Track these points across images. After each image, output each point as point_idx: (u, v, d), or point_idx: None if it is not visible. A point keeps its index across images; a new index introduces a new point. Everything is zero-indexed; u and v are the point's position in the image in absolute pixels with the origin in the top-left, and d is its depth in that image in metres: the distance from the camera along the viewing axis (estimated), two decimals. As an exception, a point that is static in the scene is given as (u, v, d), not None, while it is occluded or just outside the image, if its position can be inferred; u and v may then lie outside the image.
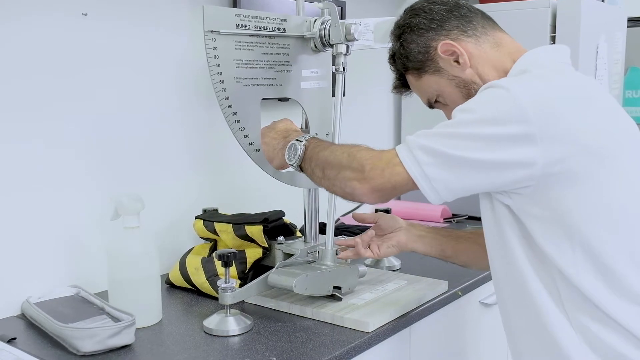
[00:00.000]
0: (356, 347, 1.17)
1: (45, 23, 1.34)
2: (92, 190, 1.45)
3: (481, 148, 0.97)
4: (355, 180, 1.07)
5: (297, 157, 1.20)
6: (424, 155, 1.00)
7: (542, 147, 0.95)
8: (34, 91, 1.34)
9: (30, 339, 1.20)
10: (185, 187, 1.66)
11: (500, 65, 1.14)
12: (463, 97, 1.15)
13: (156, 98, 1.58)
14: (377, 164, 1.05)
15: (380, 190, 1.06)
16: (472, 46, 1.14)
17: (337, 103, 1.35)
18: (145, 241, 1.28)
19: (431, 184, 1.00)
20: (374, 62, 2.28)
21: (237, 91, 1.24)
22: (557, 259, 1.01)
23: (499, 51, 1.15)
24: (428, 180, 1.00)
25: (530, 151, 0.95)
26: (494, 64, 1.14)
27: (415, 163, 1.00)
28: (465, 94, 1.15)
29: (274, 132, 1.32)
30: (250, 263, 1.42)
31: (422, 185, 1.01)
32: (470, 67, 1.14)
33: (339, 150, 1.14)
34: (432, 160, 0.99)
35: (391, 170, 1.03)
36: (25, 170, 1.33)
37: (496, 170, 0.98)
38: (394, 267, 1.63)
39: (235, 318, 1.23)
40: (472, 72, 1.14)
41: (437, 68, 1.17)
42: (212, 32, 1.19)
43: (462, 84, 1.15)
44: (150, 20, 1.54)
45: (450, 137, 0.99)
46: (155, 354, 1.13)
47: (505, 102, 0.97)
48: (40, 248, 1.37)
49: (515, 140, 0.96)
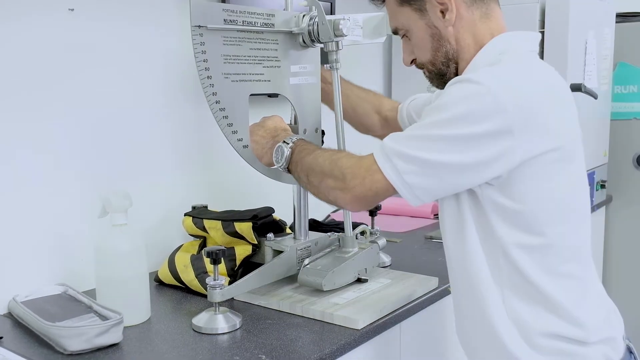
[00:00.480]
0: (346, 345, 1.16)
1: (30, 20, 1.32)
2: (80, 187, 1.44)
3: (459, 150, 0.97)
4: (338, 189, 1.09)
5: (284, 160, 1.21)
6: (402, 163, 1.00)
7: (520, 138, 0.96)
8: (20, 90, 1.32)
9: (17, 338, 1.19)
10: (174, 184, 1.65)
11: (480, 37, 1.11)
12: (431, 50, 1.14)
13: (144, 94, 1.56)
14: (358, 172, 1.06)
15: (363, 199, 1.07)
16: (464, 7, 1.11)
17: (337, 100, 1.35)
18: (134, 239, 1.27)
19: (412, 191, 1.02)
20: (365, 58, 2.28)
21: (225, 87, 1.23)
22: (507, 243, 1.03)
23: (485, 23, 1.12)
24: (409, 187, 1.01)
25: (509, 143, 0.96)
26: (475, 34, 1.11)
27: (395, 171, 1.01)
28: (434, 47, 1.13)
29: (263, 130, 1.31)
30: (239, 260, 1.41)
31: (403, 192, 1.02)
32: (452, 26, 1.11)
33: (322, 157, 1.15)
34: (410, 167, 0.99)
35: (371, 178, 1.04)
36: (12, 168, 1.32)
37: (476, 169, 0.98)
38: (384, 263, 1.62)
39: (224, 316, 1.22)
40: (452, 32, 1.11)
41: (421, 8, 1.13)
42: (199, 27, 1.18)
43: (437, 37, 1.13)
44: (136, 16, 1.53)
45: (426, 140, 0.99)
46: (144, 352, 1.13)
47: (479, 96, 0.96)
48: (27, 246, 1.35)
49: (494, 136, 0.96)
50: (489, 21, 1.12)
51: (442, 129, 0.98)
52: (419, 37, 1.15)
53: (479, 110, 0.95)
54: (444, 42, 1.12)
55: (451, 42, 1.12)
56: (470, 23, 1.11)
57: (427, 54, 1.15)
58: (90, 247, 1.30)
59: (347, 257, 1.38)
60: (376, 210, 1.67)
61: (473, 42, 1.11)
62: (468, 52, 1.12)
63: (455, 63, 1.13)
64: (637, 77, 2.60)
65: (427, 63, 1.16)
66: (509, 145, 0.96)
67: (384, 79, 2.39)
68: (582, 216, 1.10)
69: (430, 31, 1.13)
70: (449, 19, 1.11)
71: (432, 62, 1.15)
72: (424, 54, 1.16)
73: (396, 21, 1.19)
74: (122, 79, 1.51)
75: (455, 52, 1.12)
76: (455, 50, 1.12)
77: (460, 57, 1.13)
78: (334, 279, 1.32)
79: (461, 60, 1.13)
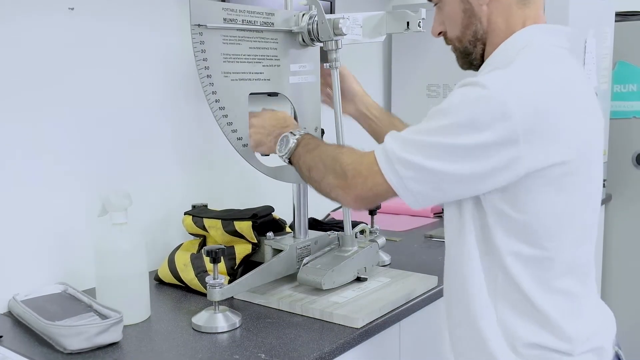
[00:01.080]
0: (345, 343, 1.16)
1: (30, 19, 1.32)
2: (80, 186, 1.44)
3: (462, 159, 0.94)
4: (339, 188, 1.08)
5: (288, 151, 1.20)
6: (404, 169, 0.98)
7: (525, 148, 0.92)
8: (20, 89, 1.32)
9: (17, 337, 1.19)
10: (173, 183, 1.65)
11: (512, 23, 1.07)
12: (460, 25, 1.10)
13: (144, 93, 1.56)
14: (359, 171, 1.05)
15: (365, 199, 1.06)
16: None
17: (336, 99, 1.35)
18: (134, 237, 1.27)
19: (413, 196, 1.00)
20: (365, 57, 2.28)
21: (225, 86, 1.23)
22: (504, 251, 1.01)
23: (521, 10, 1.06)
24: (409, 192, 1.00)
25: (514, 153, 0.93)
26: (508, 18, 1.07)
27: (397, 176, 0.99)
28: (464, 24, 1.09)
29: (272, 117, 1.29)
30: (239, 259, 1.41)
31: (404, 197, 1.01)
32: (487, 5, 1.07)
33: (325, 152, 1.14)
34: (412, 174, 0.98)
35: (373, 179, 1.03)
36: (11, 167, 1.32)
37: (477, 180, 0.96)
38: (383, 262, 1.62)
39: (223, 315, 1.22)
40: (485, 11, 1.07)
41: None
42: (199, 26, 1.18)
43: (469, 14, 1.08)
44: (136, 16, 1.53)
45: (427, 147, 0.96)
46: (143, 351, 1.13)
47: (484, 102, 0.92)
48: (27, 245, 1.35)
49: (497, 145, 0.92)
50: (525, 7, 1.07)
51: (443, 136, 0.95)
52: (451, 10, 1.10)
53: (483, 117, 0.92)
54: (475, 20, 1.08)
55: (482, 22, 1.08)
56: (505, 6, 1.06)
57: (456, 30, 1.11)
58: (90, 246, 1.30)
59: (346, 256, 1.38)
60: (376, 209, 1.67)
61: (504, 27, 1.07)
62: (498, 36, 1.07)
63: (483, 44, 1.10)
64: (637, 76, 2.60)
65: (454, 39, 1.12)
66: (513, 155, 0.93)
67: (383, 79, 2.39)
68: (585, 233, 1.05)
69: (463, 6, 1.09)
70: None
71: (460, 39, 1.11)
72: (453, 28, 1.12)
73: None
74: (122, 78, 1.51)
75: (485, 33, 1.08)
76: (485, 31, 1.08)
77: (489, 40, 1.09)
78: (333, 277, 1.33)
79: (489, 44, 1.09)
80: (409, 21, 1.51)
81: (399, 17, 1.50)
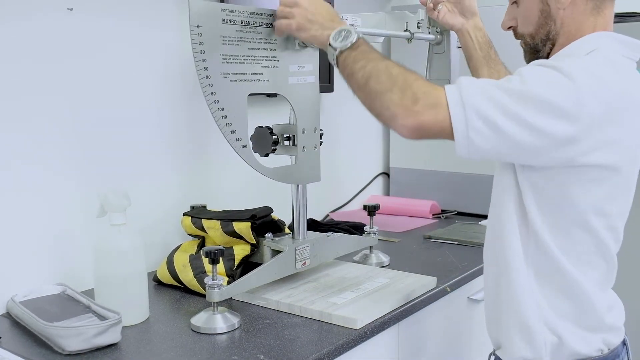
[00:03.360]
0: (344, 344, 1.16)
1: (30, 19, 1.32)
2: (79, 187, 1.43)
3: (529, 134, 0.97)
4: (403, 108, 1.03)
5: (349, 42, 1.14)
6: (476, 118, 0.98)
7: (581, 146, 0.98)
8: (16, 87, 1.32)
9: (15, 338, 1.19)
10: (172, 184, 1.65)
11: (583, 29, 1.11)
12: (535, 24, 1.13)
13: (143, 94, 1.56)
14: (430, 101, 1.02)
15: (423, 129, 1.02)
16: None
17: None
18: (132, 238, 1.27)
19: (469, 147, 1.00)
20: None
21: (224, 87, 1.23)
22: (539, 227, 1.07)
23: (594, 17, 1.10)
24: (469, 142, 0.99)
25: (570, 150, 0.98)
26: (580, 24, 1.10)
27: (464, 123, 0.98)
28: (539, 23, 1.13)
29: (325, 6, 1.24)
30: (238, 260, 1.41)
31: (460, 144, 1.00)
32: (564, 9, 1.10)
33: (395, 68, 1.09)
34: (481, 126, 0.98)
35: (443, 113, 1.00)
36: (10, 167, 1.32)
37: (534, 153, 1.00)
38: (382, 263, 1.62)
39: (222, 316, 1.22)
40: (561, 14, 1.11)
41: None
42: (198, 27, 1.18)
43: (545, 14, 1.12)
44: (135, 15, 1.53)
45: (506, 111, 0.97)
46: (142, 352, 1.13)
47: (568, 94, 0.96)
48: (25, 246, 1.35)
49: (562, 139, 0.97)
50: (598, 16, 1.10)
51: (525, 108, 0.97)
52: (528, 8, 1.14)
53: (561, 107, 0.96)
54: (550, 21, 1.12)
55: (557, 24, 1.11)
56: (580, 12, 1.10)
57: (530, 27, 1.14)
58: (89, 246, 1.30)
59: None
60: (375, 210, 1.67)
61: (575, 31, 1.11)
62: (567, 38, 1.11)
63: (552, 44, 1.13)
64: (636, 77, 2.60)
65: (527, 35, 1.16)
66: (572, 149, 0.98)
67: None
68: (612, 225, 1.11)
69: (542, 6, 1.12)
70: (563, 2, 1.10)
71: (532, 36, 1.15)
72: (527, 25, 1.15)
73: None
74: (121, 79, 1.51)
75: (557, 34, 1.12)
76: (557, 33, 1.12)
77: (559, 41, 1.12)
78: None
79: (558, 44, 1.13)
80: (408, 22, 1.51)
81: (398, 17, 1.50)
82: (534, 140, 0.97)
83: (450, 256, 1.70)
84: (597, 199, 1.05)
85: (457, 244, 1.82)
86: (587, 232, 1.07)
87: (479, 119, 0.98)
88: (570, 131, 0.96)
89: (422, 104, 1.02)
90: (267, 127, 1.38)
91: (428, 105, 1.01)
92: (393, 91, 1.05)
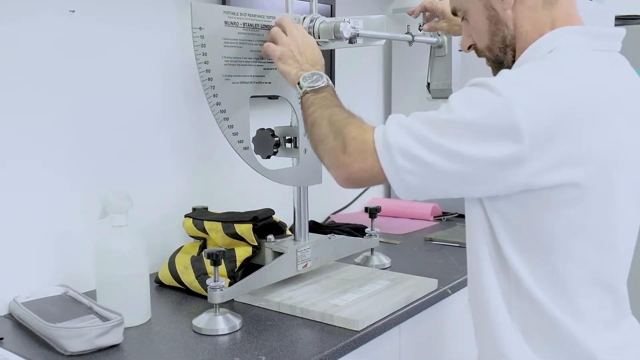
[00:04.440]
0: (346, 346, 1.16)
1: (32, 21, 1.33)
2: (80, 188, 1.44)
3: (460, 162, 0.91)
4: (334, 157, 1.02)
5: (315, 85, 1.13)
6: (403, 160, 0.94)
7: (530, 167, 0.89)
8: (21, 90, 1.32)
9: (18, 338, 1.19)
10: (174, 185, 1.65)
11: (540, 25, 1.02)
12: (488, 34, 1.06)
13: (145, 95, 1.57)
14: (359, 148, 0.99)
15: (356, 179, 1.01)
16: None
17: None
18: (134, 240, 1.27)
19: (406, 188, 0.96)
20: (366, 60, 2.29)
21: (226, 89, 1.23)
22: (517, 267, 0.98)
23: (547, 11, 1.02)
24: (403, 182, 0.95)
25: (517, 172, 0.90)
26: (535, 21, 1.02)
27: (393, 165, 0.95)
28: (491, 31, 1.06)
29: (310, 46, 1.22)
30: (239, 262, 1.41)
31: (397, 187, 0.97)
32: (511, 9, 1.03)
33: (336, 115, 1.07)
34: (409, 166, 0.93)
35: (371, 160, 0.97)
36: (12, 169, 1.32)
37: (476, 182, 0.93)
38: (383, 265, 1.63)
39: (224, 317, 1.22)
40: (510, 15, 1.03)
41: None
42: (200, 29, 1.18)
43: (495, 20, 1.05)
44: (137, 17, 1.53)
45: (431, 144, 0.92)
46: (144, 353, 1.13)
47: (499, 113, 0.88)
48: (28, 247, 1.35)
49: (502, 162, 0.89)
50: (552, 8, 1.02)
51: (449, 139, 0.91)
52: (476, 19, 1.07)
53: (492, 127, 0.89)
54: (502, 26, 1.04)
55: (509, 27, 1.04)
56: (530, 8, 1.02)
57: (485, 39, 1.07)
58: (91, 248, 1.30)
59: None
60: (376, 212, 1.67)
61: (532, 30, 1.03)
62: (525, 40, 1.03)
63: (513, 50, 1.06)
64: (637, 79, 2.60)
65: (484, 49, 1.09)
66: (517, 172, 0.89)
67: (384, 82, 2.39)
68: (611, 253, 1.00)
69: (488, 13, 1.05)
70: (508, 2, 1.03)
71: (490, 48, 1.08)
72: (481, 38, 1.08)
73: (455, 0, 1.12)
74: (123, 80, 1.51)
75: (513, 38, 1.04)
76: (513, 36, 1.04)
77: (518, 45, 1.05)
78: None
79: (518, 49, 1.05)
80: (409, 24, 1.52)
81: (399, 20, 1.50)
82: (468, 169, 0.90)
83: (451, 258, 1.70)
84: (574, 222, 0.94)
85: (459, 246, 1.82)
86: (570, 260, 0.96)
87: (403, 158, 0.94)
88: (508, 152, 0.88)
89: (351, 150, 0.99)
90: (269, 129, 1.38)
91: (356, 151, 0.99)
92: (328, 139, 1.04)
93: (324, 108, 1.10)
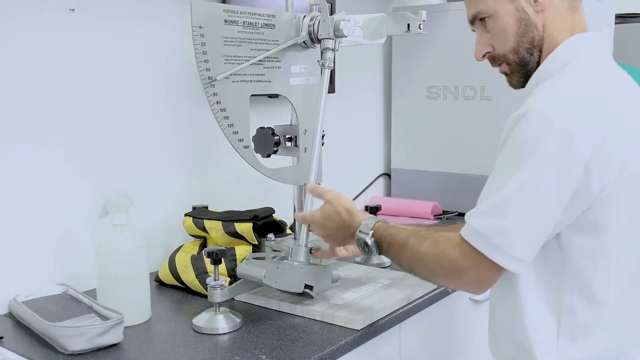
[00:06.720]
0: (346, 345, 1.17)
1: (32, 20, 1.33)
2: (81, 187, 1.44)
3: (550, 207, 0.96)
4: (457, 283, 1.06)
5: (373, 247, 1.17)
6: (502, 238, 0.96)
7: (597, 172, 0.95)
8: (21, 88, 1.32)
9: (18, 337, 1.19)
10: (174, 184, 1.65)
11: (562, 29, 1.08)
12: (516, 35, 1.09)
13: (145, 94, 1.56)
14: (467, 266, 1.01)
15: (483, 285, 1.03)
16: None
17: (322, 98, 1.32)
18: (134, 239, 1.27)
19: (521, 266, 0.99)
20: (366, 58, 2.29)
21: (226, 87, 1.23)
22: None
23: (571, 15, 1.09)
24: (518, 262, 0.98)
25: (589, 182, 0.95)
26: (560, 24, 1.08)
27: (499, 251, 0.97)
28: (520, 33, 1.08)
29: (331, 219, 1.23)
30: (240, 260, 1.41)
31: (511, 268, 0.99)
32: (542, 12, 1.07)
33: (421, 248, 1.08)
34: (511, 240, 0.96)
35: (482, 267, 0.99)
36: (13, 168, 1.32)
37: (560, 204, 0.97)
38: (383, 264, 1.62)
39: (224, 316, 1.22)
40: (541, 18, 1.08)
41: None
42: (200, 27, 1.18)
43: (525, 23, 1.08)
44: (138, 16, 1.53)
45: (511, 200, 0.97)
46: (144, 352, 1.13)
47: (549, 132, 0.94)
48: (28, 246, 1.35)
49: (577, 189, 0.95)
50: (574, 14, 1.09)
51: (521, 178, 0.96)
52: (505, 22, 1.09)
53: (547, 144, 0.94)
54: (532, 27, 1.08)
55: (538, 29, 1.08)
56: (559, 12, 1.08)
57: (511, 41, 1.09)
58: (91, 247, 1.30)
59: (295, 264, 1.26)
60: (376, 211, 1.67)
61: (558, 33, 1.08)
62: (552, 42, 1.08)
63: (539, 51, 1.09)
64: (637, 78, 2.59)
65: (509, 52, 1.10)
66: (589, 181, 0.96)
67: (383, 80, 2.39)
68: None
69: (519, 15, 1.08)
70: (542, 4, 1.07)
71: (516, 50, 1.10)
72: (505, 41, 1.10)
73: (480, 4, 1.11)
74: (123, 79, 1.51)
75: (541, 39, 1.08)
76: (541, 38, 1.08)
77: (544, 46, 1.09)
78: (276, 276, 1.22)
79: (545, 49, 1.09)
80: (410, 23, 1.51)
81: (399, 19, 1.50)
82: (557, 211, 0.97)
83: (451, 257, 1.70)
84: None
85: (459, 244, 1.82)
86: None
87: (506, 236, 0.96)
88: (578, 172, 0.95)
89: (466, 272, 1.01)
90: (269, 128, 1.38)
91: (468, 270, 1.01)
92: (438, 273, 1.06)
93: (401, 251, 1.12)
